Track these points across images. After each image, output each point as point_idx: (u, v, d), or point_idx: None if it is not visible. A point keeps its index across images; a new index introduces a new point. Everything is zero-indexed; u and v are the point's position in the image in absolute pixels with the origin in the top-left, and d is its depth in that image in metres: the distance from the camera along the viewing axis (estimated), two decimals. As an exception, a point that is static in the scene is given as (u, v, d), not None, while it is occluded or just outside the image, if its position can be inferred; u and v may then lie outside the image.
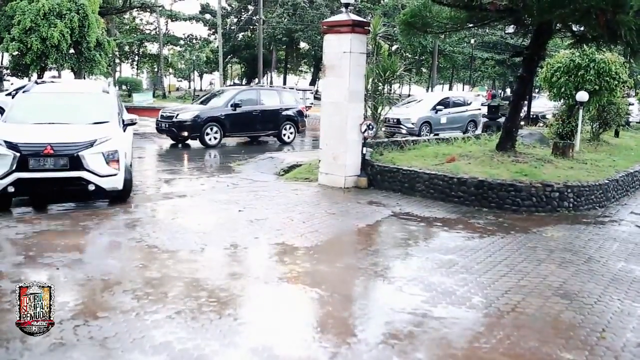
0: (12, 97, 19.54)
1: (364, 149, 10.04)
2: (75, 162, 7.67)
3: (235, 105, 17.09)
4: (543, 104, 26.12)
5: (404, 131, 19.18)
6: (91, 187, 7.84)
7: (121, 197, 8.44)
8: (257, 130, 18.10)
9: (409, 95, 61.20)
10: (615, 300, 5.12)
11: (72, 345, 3.87)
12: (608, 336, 4.37)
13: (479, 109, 22.86)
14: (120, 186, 8.16)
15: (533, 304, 4.94)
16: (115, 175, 7.99)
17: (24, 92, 8.83)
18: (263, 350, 3.90)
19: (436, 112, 20.31)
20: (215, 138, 16.71)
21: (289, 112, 18.67)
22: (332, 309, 4.74)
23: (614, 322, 4.64)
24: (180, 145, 16.94)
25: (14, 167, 7.42)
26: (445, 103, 21.15)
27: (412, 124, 19.37)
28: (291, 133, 18.64)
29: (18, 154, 7.44)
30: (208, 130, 16.57)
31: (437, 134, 18.32)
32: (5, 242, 6.41)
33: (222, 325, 4.27)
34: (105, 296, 4.76)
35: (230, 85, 24.47)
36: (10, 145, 7.51)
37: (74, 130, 8.11)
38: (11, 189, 7.47)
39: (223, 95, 18.17)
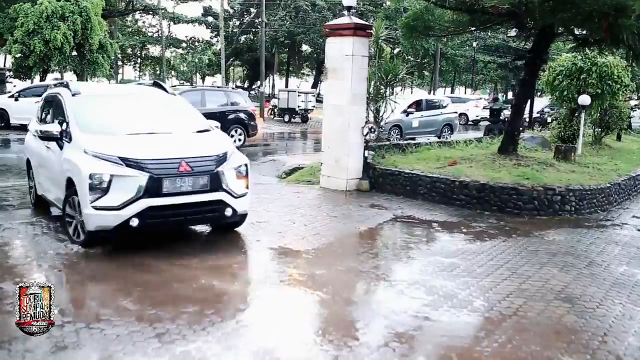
0: (15, 100, 19.75)
1: (366, 151, 10.04)
2: (215, 181, 6.13)
3: None
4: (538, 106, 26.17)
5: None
6: (228, 212, 6.26)
7: (237, 223, 6.89)
8: None
9: (410, 98, 61.35)
10: (617, 304, 5.11)
11: None
12: (610, 340, 4.37)
13: (455, 112, 22.23)
14: (247, 208, 6.72)
15: (535, 307, 4.93)
16: (246, 195, 6.52)
17: (73, 95, 6.86)
18: (265, 353, 3.90)
19: (407, 115, 19.08)
20: None
21: (238, 115, 17.35)
22: (333, 312, 4.74)
23: (615, 326, 4.63)
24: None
25: (141, 192, 5.68)
26: (418, 106, 20.23)
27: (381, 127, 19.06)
28: (240, 137, 17.11)
29: (147, 175, 5.70)
30: None
31: (414, 138, 17.73)
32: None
33: (223, 328, 4.27)
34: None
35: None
36: (133, 163, 5.77)
37: (195, 142, 6.60)
38: (135, 222, 5.67)
39: None
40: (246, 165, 6.57)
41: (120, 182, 5.68)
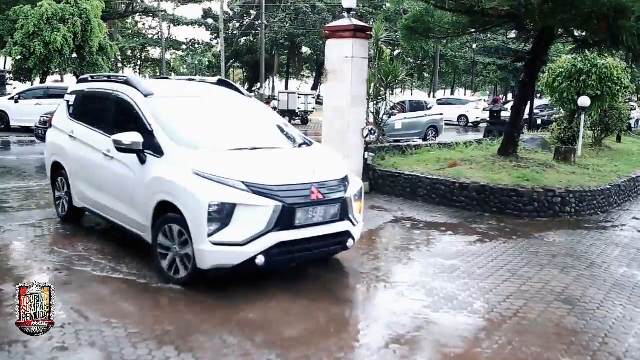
0: (15, 102, 19.75)
1: (366, 153, 10.05)
2: (345, 210, 5.30)
3: None
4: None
5: None
6: (350, 243, 5.49)
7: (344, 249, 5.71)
8: None
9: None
10: (618, 306, 5.11)
11: None
12: (610, 342, 4.37)
13: (441, 114, 21.52)
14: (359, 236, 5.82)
15: (535, 309, 4.93)
16: (360, 222, 5.71)
17: (146, 95, 5.77)
18: (264, 354, 3.94)
19: (390, 117, 18.04)
20: None
21: None
22: (333, 314, 4.74)
23: (616, 328, 4.63)
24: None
25: (272, 225, 4.75)
26: (401, 107, 19.11)
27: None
28: None
29: (279, 204, 4.77)
30: None
31: (398, 141, 16.87)
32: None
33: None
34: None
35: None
36: (261, 190, 4.79)
37: (314, 161, 5.61)
38: (261, 260, 4.75)
39: None
40: (362, 187, 5.72)
41: (246, 212, 4.70)
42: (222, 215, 4.67)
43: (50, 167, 7.40)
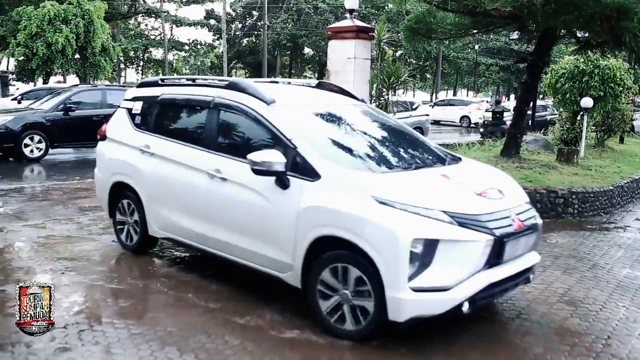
0: (19, 102, 19.76)
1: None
2: (538, 238, 4.78)
3: (66, 109, 13.62)
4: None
5: None
6: (531, 277, 4.75)
7: None
8: None
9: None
10: (621, 307, 5.10)
11: None
12: (613, 343, 4.36)
13: (427, 115, 20.81)
14: None
15: (538, 310, 4.92)
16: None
17: (270, 104, 4.73)
18: (267, 355, 3.90)
19: None
20: (38, 149, 13.18)
21: None
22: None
23: (619, 329, 4.62)
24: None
25: (482, 263, 3.98)
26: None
27: None
28: None
29: (491, 237, 3.96)
30: (27, 140, 13.02)
31: None
32: None
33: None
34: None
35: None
36: (467, 221, 3.96)
37: (493, 182, 4.73)
38: (467, 307, 3.92)
39: (57, 96, 14.46)
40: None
41: (452, 249, 3.86)
42: (424, 254, 3.79)
43: (109, 188, 6.10)
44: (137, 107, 6.02)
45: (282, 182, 4.31)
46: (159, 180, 5.48)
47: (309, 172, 4.26)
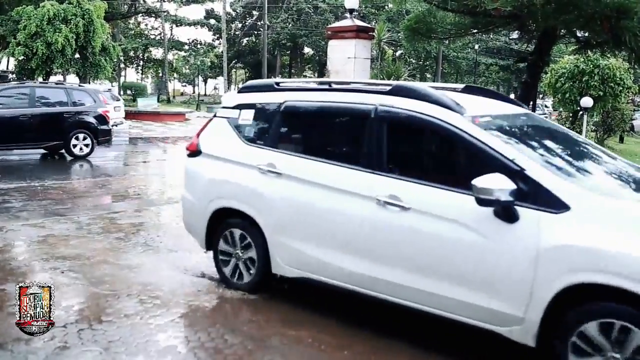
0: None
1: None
2: None
3: None
4: None
5: None
6: None
7: None
8: (28, 140, 13.22)
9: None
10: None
11: (77, 349, 3.84)
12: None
13: None
14: None
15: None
16: None
17: (464, 115, 3.86)
18: (267, 355, 3.85)
19: None
20: None
21: (83, 117, 14.02)
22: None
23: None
24: None
25: None
26: None
27: None
28: (86, 144, 13.88)
29: None
30: None
31: None
32: None
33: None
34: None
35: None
36: None
37: None
38: None
39: None
40: None
41: None
42: None
43: (208, 216, 5.00)
44: (247, 116, 4.99)
45: (509, 214, 3.43)
46: (293, 207, 4.44)
47: (548, 202, 3.38)
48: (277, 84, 5.05)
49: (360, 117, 4.31)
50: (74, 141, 13.75)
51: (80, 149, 13.84)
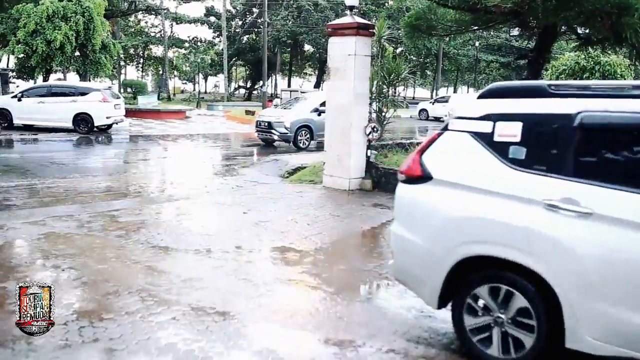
0: (18, 100, 19.77)
1: (369, 151, 10.05)
2: None
3: None
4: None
5: (275, 137, 17.08)
6: None
7: None
8: None
9: (413, 98, 61.33)
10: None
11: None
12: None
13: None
14: None
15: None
16: None
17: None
18: (267, 353, 3.90)
19: (319, 115, 16.13)
20: None
21: None
22: (336, 312, 4.74)
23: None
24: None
25: None
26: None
27: (286, 128, 16.70)
28: None
29: None
30: None
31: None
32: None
33: (226, 328, 4.27)
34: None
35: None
36: None
37: None
38: None
39: None
40: None
41: None
42: None
43: (449, 266, 3.77)
44: (508, 131, 3.68)
45: None
46: (614, 259, 3.20)
47: None
48: (553, 86, 3.65)
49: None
50: None
51: None
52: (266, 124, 17.16)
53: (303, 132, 16.97)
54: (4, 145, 16.65)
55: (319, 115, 16.09)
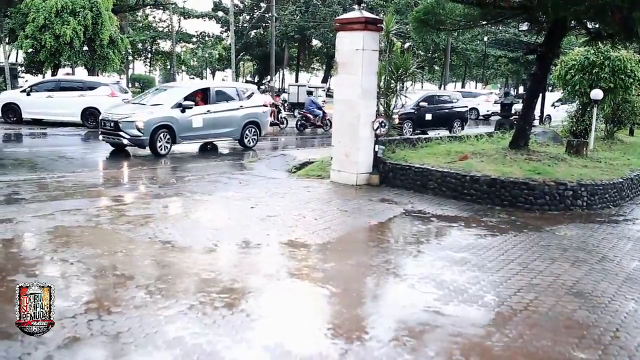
0: (27, 94, 19.87)
1: (376, 146, 10.03)
2: None
3: None
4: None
5: (125, 141, 13.32)
6: None
7: None
8: None
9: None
10: (630, 300, 5.08)
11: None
12: (622, 335, 4.34)
13: (266, 106, 17.01)
14: None
15: (546, 302, 4.91)
16: None
17: None
18: (275, 346, 3.91)
19: (183, 111, 13.73)
20: None
21: None
22: (343, 306, 4.74)
23: (628, 322, 4.60)
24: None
25: None
26: (204, 97, 14.49)
27: (138, 129, 13.11)
28: None
29: None
30: None
31: (210, 145, 14.18)
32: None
33: (234, 321, 4.28)
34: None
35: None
36: None
37: None
38: None
39: None
40: None
41: None
42: None
43: None
44: None
45: None
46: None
47: None
48: None
49: None
50: None
51: None
52: (112, 124, 13.34)
53: (162, 134, 13.44)
54: (13, 139, 16.73)
55: (183, 111, 13.72)
